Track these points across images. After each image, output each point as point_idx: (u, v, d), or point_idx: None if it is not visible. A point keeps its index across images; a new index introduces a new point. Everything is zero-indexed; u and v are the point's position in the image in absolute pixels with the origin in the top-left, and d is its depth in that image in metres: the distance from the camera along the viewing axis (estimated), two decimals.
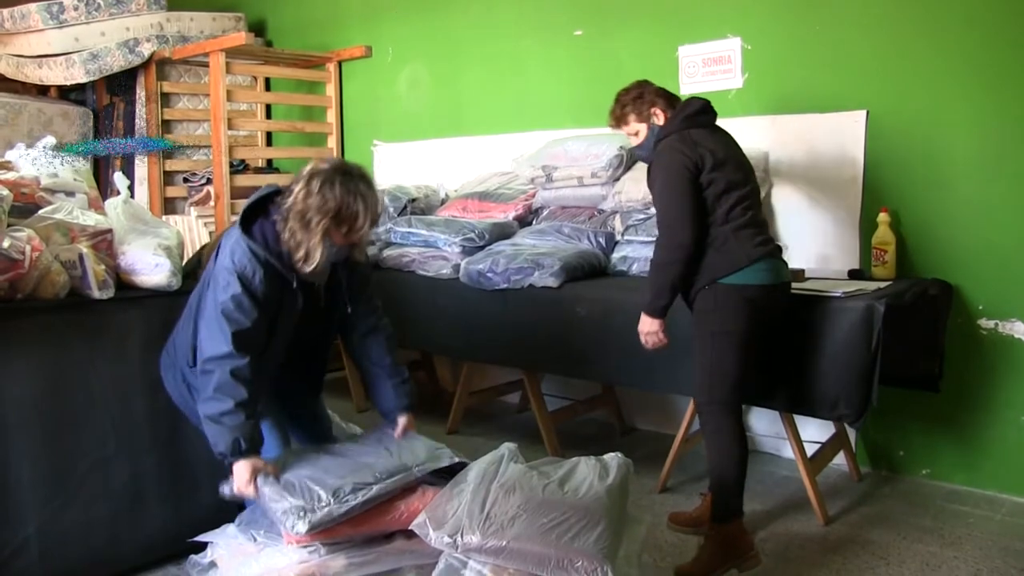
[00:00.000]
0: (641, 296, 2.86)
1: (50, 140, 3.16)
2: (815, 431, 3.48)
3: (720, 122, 3.82)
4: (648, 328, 2.82)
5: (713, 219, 2.75)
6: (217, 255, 2.39)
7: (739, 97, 3.86)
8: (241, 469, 2.28)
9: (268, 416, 2.51)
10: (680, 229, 2.72)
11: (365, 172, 2.35)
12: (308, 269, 2.31)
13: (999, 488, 3.37)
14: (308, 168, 2.32)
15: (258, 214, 2.38)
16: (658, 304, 2.78)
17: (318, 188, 2.25)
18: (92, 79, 5.13)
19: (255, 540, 2.31)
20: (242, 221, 2.35)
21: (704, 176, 2.74)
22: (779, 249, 2.86)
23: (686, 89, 4.00)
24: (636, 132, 2.95)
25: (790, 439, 3.20)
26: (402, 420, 2.62)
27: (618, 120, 2.97)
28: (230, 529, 2.40)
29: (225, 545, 2.35)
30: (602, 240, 3.79)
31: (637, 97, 2.92)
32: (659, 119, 2.89)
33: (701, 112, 2.90)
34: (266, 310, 2.33)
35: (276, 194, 2.38)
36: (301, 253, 2.30)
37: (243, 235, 2.31)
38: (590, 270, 3.65)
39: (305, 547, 2.20)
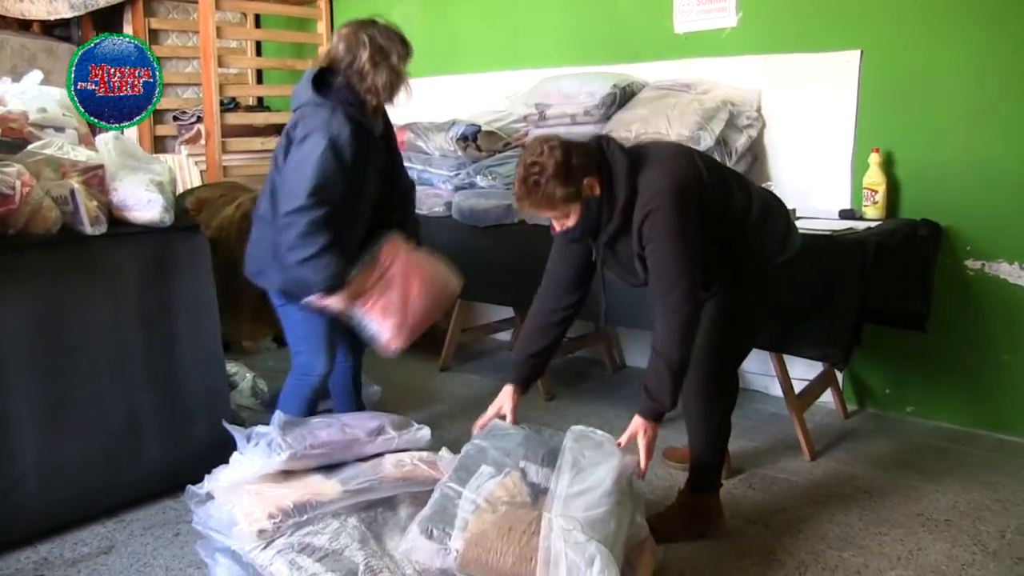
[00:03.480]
0: (651, 399, 2.29)
1: (37, 75, 3.12)
2: (804, 369, 3.53)
3: (714, 61, 3.85)
4: (652, 440, 2.32)
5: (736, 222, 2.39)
6: (298, 125, 2.56)
7: (733, 36, 3.83)
8: (335, 301, 2.57)
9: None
10: (693, 278, 2.24)
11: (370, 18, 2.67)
12: (402, 100, 2.69)
13: (981, 425, 3.44)
14: (347, 31, 2.62)
15: (321, 90, 2.59)
16: (670, 406, 2.30)
17: (377, 32, 2.61)
18: (77, 14, 5.03)
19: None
20: (319, 93, 2.57)
21: (706, 186, 2.32)
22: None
23: (680, 27, 3.97)
24: (567, 215, 2.27)
25: (778, 377, 3.24)
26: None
27: (538, 205, 2.24)
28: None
29: (222, 475, 2.40)
30: None
31: (561, 170, 2.19)
32: (596, 190, 2.25)
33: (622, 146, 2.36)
34: (354, 166, 2.56)
35: (322, 74, 2.62)
36: (391, 87, 2.64)
37: (326, 102, 2.55)
38: None
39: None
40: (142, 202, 2.75)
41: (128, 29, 5.20)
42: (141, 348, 2.79)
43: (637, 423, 2.29)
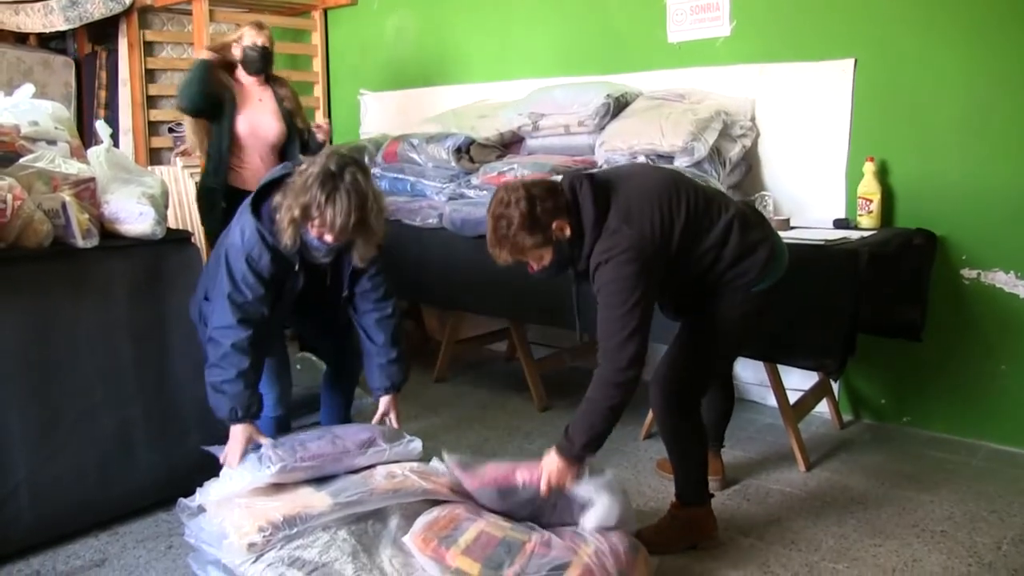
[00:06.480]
0: (567, 438, 2.29)
1: (29, 88, 3.11)
2: (799, 379, 3.52)
3: (707, 71, 3.86)
4: (560, 475, 2.30)
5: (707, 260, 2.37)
6: (232, 227, 2.51)
7: (727, 45, 3.84)
8: (236, 434, 2.45)
9: (273, 358, 2.70)
10: (633, 332, 2.23)
11: (357, 180, 2.34)
12: (280, 245, 2.41)
13: (977, 435, 3.43)
14: (317, 156, 2.42)
15: (272, 192, 2.45)
16: (587, 452, 2.29)
17: (302, 180, 2.33)
18: (72, 27, 5.04)
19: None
20: (253, 200, 2.46)
21: (675, 239, 2.31)
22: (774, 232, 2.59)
23: (674, 37, 3.98)
24: (540, 257, 2.34)
25: (773, 387, 3.23)
26: (382, 401, 2.77)
27: (514, 254, 2.32)
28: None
29: (213, 488, 2.40)
30: None
31: (528, 219, 2.24)
32: (566, 231, 2.30)
33: (593, 176, 2.40)
34: (270, 288, 2.47)
35: (288, 176, 2.44)
36: (276, 228, 2.40)
37: (252, 216, 2.42)
38: None
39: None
40: (134, 215, 2.75)
41: (123, 42, 5.21)
42: (133, 361, 2.78)
43: (547, 459, 2.31)
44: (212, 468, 2.48)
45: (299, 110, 4.05)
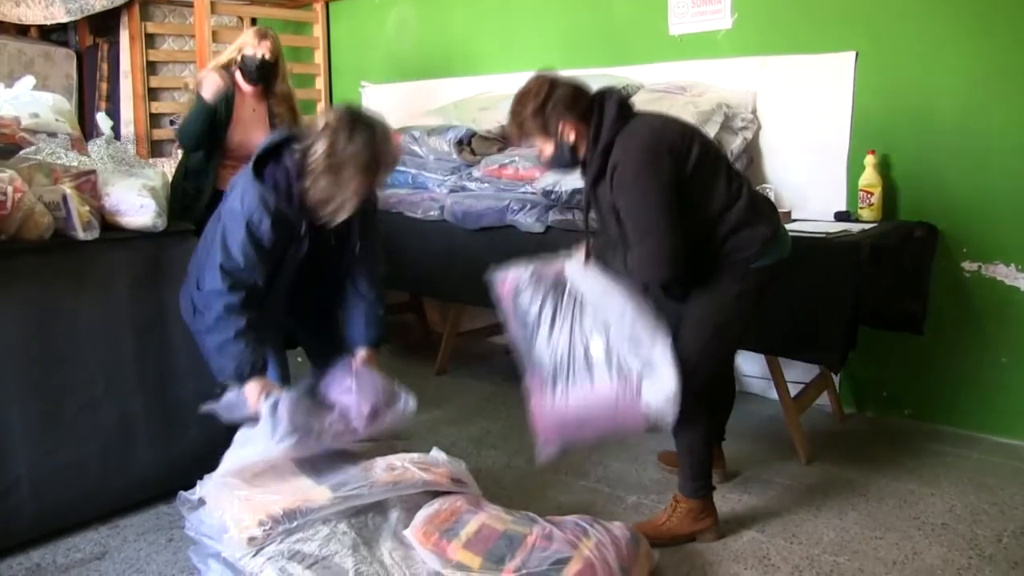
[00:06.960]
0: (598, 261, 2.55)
1: (30, 80, 3.11)
2: (801, 373, 3.52)
3: (709, 63, 3.85)
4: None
5: (713, 210, 2.41)
6: (229, 194, 2.45)
7: (728, 38, 3.82)
8: (250, 390, 2.41)
9: (270, 349, 2.65)
10: (669, 260, 2.35)
11: (379, 118, 2.38)
12: (339, 219, 2.37)
13: (978, 428, 3.42)
14: (326, 120, 2.34)
15: (270, 159, 2.41)
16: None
17: (346, 141, 2.29)
18: (73, 19, 5.04)
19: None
20: (254, 165, 2.39)
21: (691, 163, 2.37)
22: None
23: (675, 29, 3.97)
24: (544, 147, 2.48)
25: (774, 380, 3.23)
26: (360, 352, 2.68)
27: (519, 136, 2.52)
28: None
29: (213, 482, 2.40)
30: None
31: (537, 111, 2.39)
32: (570, 135, 2.41)
33: (627, 100, 2.47)
34: (269, 255, 2.41)
35: (289, 141, 2.40)
36: (333, 206, 2.35)
37: (255, 180, 2.36)
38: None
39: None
40: (134, 207, 2.74)
41: (124, 34, 5.20)
42: (134, 353, 2.78)
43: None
44: (213, 461, 2.47)
45: None
